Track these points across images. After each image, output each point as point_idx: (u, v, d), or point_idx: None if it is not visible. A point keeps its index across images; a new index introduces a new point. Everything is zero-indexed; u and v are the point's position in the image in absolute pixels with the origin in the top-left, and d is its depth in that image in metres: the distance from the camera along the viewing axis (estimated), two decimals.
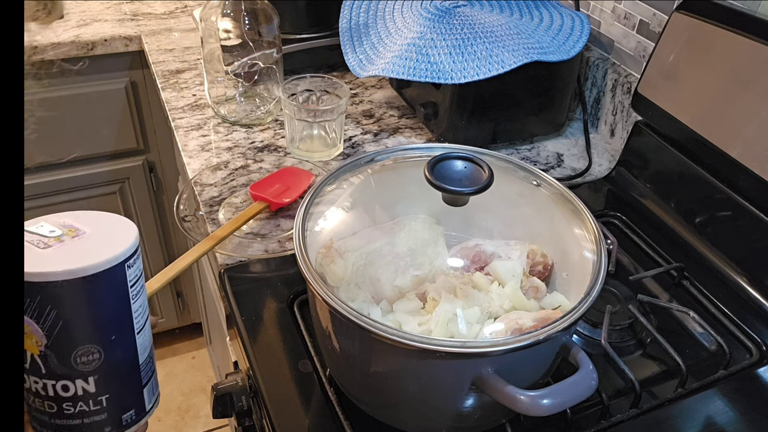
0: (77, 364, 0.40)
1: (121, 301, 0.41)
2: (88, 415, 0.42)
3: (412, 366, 0.47)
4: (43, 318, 0.39)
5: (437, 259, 0.58)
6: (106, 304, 0.40)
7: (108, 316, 0.41)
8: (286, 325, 0.65)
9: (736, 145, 0.71)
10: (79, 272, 0.38)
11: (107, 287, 0.40)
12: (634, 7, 0.92)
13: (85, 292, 0.39)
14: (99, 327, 0.40)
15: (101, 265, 0.39)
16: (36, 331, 0.39)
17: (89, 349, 0.40)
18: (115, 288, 0.40)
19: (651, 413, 0.58)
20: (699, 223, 0.77)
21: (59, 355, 0.40)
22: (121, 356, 0.42)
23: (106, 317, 0.41)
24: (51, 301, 0.38)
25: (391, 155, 0.62)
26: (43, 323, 0.39)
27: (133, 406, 0.44)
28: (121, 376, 0.43)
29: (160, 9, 1.41)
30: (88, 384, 0.41)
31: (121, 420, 0.44)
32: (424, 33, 0.87)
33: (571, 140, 1.00)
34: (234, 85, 1.00)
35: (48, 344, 0.39)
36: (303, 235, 0.52)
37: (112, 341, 0.41)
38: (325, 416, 0.57)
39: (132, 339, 0.42)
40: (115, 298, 0.41)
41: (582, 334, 0.67)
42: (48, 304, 0.38)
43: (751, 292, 0.70)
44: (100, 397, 0.42)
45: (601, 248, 0.51)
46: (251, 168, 0.89)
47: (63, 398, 0.41)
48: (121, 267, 0.40)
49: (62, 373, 0.40)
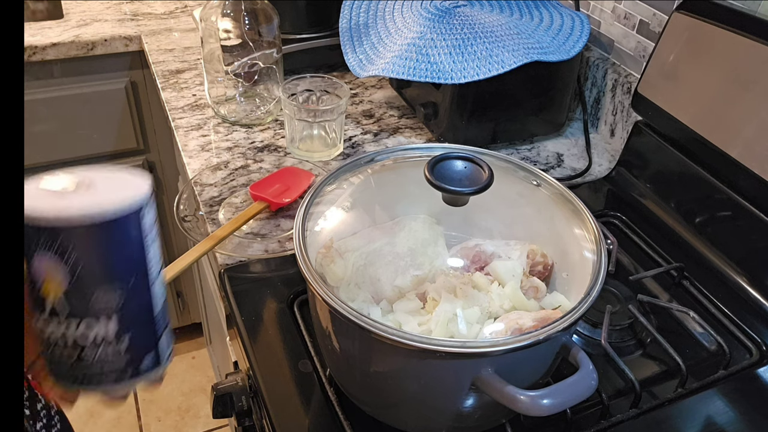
0: (97, 305, 0.42)
1: (137, 247, 0.43)
2: (108, 360, 0.44)
3: (412, 366, 0.47)
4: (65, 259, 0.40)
5: (437, 259, 0.58)
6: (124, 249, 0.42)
7: (126, 261, 0.42)
8: (286, 325, 0.65)
9: (736, 145, 0.71)
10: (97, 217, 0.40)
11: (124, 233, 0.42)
12: (634, 7, 0.92)
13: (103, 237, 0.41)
14: (118, 271, 0.42)
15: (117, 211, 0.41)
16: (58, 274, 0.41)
17: (109, 290, 0.42)
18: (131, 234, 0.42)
19: (651, 413, 0.58)
20: (699, 223, 0.77)
21: (80, 296, 0.41)
22: (138, 301, 0.44)
23: (124, 262, 0.42)
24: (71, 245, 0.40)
25: (391, 155, 0.62)
26: (65, 264, 0.40)
27: (151, 354, 0.46)
28: (139, 320, 0.44)
29: (160, 9, 1.41)
30: (108, 326, 0.43)
31: (140, 367, 0.45)
32: (424, 33, 0.87)
33: (571, 140, 1.00)
34: (234, 85, 1.00)
35: (69, 286, 0.41)
36: (303, 235, 0.52)
37: (130, 285, 0.43)
38: (325, 416, 0.57)
39: (148, 286, 0.44)
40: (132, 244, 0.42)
41: (582, 334, 0.67)
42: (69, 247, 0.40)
43: (751, 292, 0.70)
44: (120, 342, 0.44)
45: (601, 248, 0.51)
46: (251, 168, 0.89)
47: (85, 341, 0.43)
48: (137, 215, 0.42)
49: (83, 314, 0.42)
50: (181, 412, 1.64)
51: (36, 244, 0.40)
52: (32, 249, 0.40)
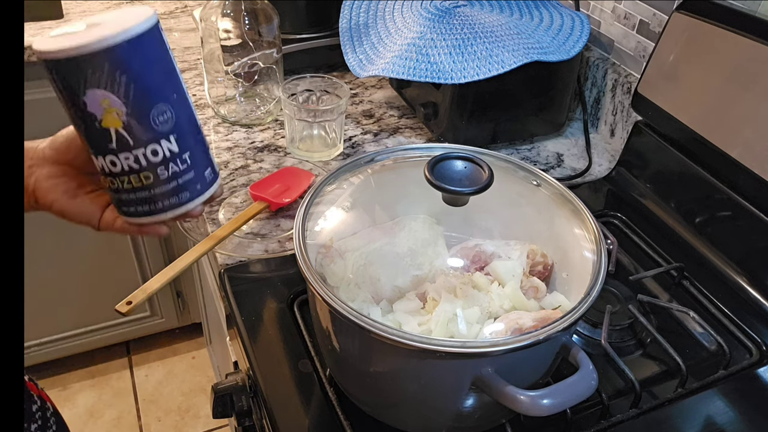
0: (157, 125, 0.44)
1: (169, 59, 0.45)
2: (181, 174, 0.46)
3: (412, 366, 0.47)
4: (117, 84, 0.41)
5: (437, 259, 0.58)
6: (160, 61, 0.44)
7: (164, 73, 0.44)
8: (286, 325, 0.65)
9: (736, 145, 0.71)
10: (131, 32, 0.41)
11: (156, 45, 0.44)
12: (634, 7, 0.92)
13: (141, 50, 0.42)
14: (161, 84, 0.44)
15: (144, 24, 0.42)
16: (114, 102, 0.42)
17: (162, 108, 0.44)
18: (161, 46, 0.44)
19: (651, 413, 0.58)
20: (699, 223, 0.77)
21: (140, 120, 0.43)
22: (185, 113, 0.46)
23: (164, 75, 0.44)
24: (119, 66, 0.41)
25: (391, 155, 0.62)
26: (118, 90, 0.42)
27: (209, 165, 0.49)
28: (192, 132, 0.47)
29: (160, 9, 1.41)
30: (171, 143, 0.45)
31: (205, 177, 0.48)
32: (424, 33, 0.87)
33: (571, 140, 1.00)
34: (234, 85, 1.00)
35: (128, 111, 0.42)
36: (303, 235, 0.52)
37: (174, 98, 0.45)
38: (325, 416, 0.57)
39: (187, 97, 0.46)
40: (165, 57, 0.45)
41: (582, 334, 0.67)
42: (116, 70, 0.41)
43: (751, 292, 0.70)
44: (184, 155, 0.46)
45: (601, 248, 0.51)
46: (251, 168, 0.89)
47: (155, 164, 0.45)
48: (158, 28, 0.44)
49: (147, 137, 0.44)
50: (181, 412, 1.64)
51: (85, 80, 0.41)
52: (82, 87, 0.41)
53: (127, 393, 1.67)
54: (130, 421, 1.60)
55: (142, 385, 1.69)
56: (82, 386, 1.66)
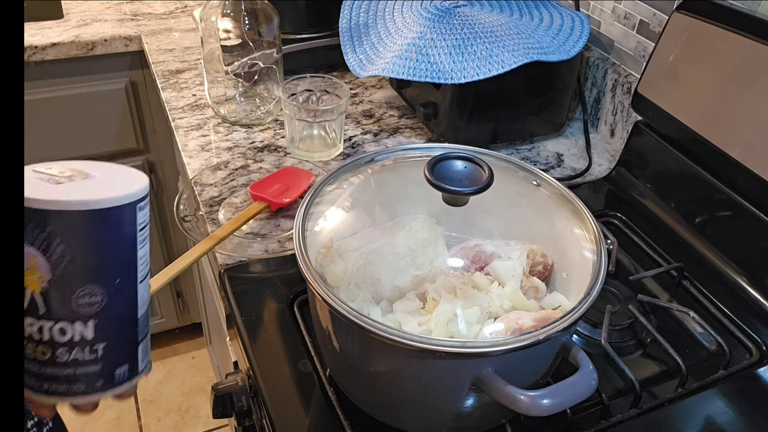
0: (78, 306, 0.39)
1: (128, 244, 0.40)
2: (82, 364, 0.41)
3: (412, 366, 0.47)
4: (51, 250, 0.38)
5: (437, 259, 0.58)
6: (115, 243, 0.40)
7: (115, 257, 0.40)
8: (286, 325, 0.65)
9: (736, 145, 0.71)
10: (93, 204, 0.38)
11: (117, 225, 0.39)
12: (634, 7, 0.92)
13: (95, 226, 0.39)
14: (105, 267, 0.40)
15: (115, 200, 0.39)
16: (41, 265, 0.38)
17: (92, 290, 0.40)
18: (124, 228, 0.40)
19: (651, 413, 0.58)
20: (699, 223, 0.77)
21: (61, 294, 0.39)
22: (122, 303, 0.41)
23: (114, 258, 0.40)
24: (61, 234, 0.38)
25: (391, 155, 0.62)
26: (50, 257, 0.38)
27: (127, 362, 0.43)
28: (119, 325, 0.42)
29: (160, 9, 1.41)
30: (86, 329, 0.40)
31: (114, 375, 0.43)
32: (424, 33, 0.87)
33: (571, 140, 1.00)
34: (234, 85, 1.00)
35: (51, 280, 0.39)
36: (303, 235, 0.52)
37: (115, 285, 0.40)
38: (325, 416, 0.57)
39: (134, 287, 0.42)
40: (124, 240, 0.40)
41: (582, 334, 0.67)
42: (57, 236, 0.38)
43: (751, 292, 0.70)
44: (96, 346, 0.41)
45: (601, 248, 0.51)
46: (251, 168, 0.89)
47: (58, 343, 0.40)
48: (133, 208, 0.40)
49: (62, 314, 0.39)
50: (181, 412, 1.64)
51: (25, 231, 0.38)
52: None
53: None
54: (130, 421, 1.60)
55: (142, 385, 1.69)
56: None
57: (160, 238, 1.55)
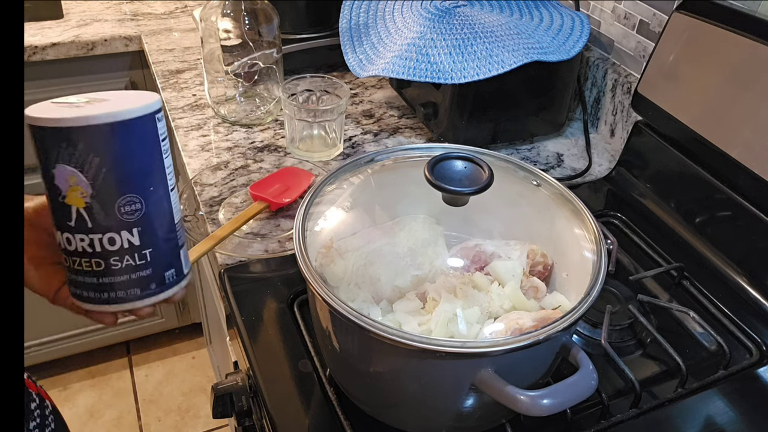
0: (121, 215, 0.42)
1: (155, 152, 0.43)
2: (135, 269, 0.44)
3: (412, 366, 0.47)
4: (87, 166, 0.40)
5: (437, 259, 0.58)
6: (143, 152, 0.42)
7: (145, 166, 0.43)
8: (286, 325, 0.65)
9: (736, 145, 0.71)
10: (116, 115, 0.40)
11: (143, 135, 0.42)
12: (634, 7, 0.92)
13: (123, 137, 0.41)
14: (138, 175, 0.42)
15: (136, 111, 0.41)
16: (81, 181, 0.41)
17: (131, 199, 0.42)
18: (149, 137, 0.42)
19: (651, 413, 0.58)
20: (699, 223, 0.77)
21: (104, 206, 0.41)
22: (159, 209, 0.44)
23: (144, 166, 0.42)
24: (93, 148, 0.40)
25: (391, 155, 0.62)
26: (87, 172, 0.40)
27: (174, 266, 0.46)
28: (161, 230, 0.44)
29: (160, 9, 1.41)
30: (132, 236, 0.43)
31: (164, 277, 0.45)
32: (424, 33, 0.87)
33: (571, 140, 1.00)
34: (234, 85, 1.00)
35: (93, 194, 0.41)
36: (303, 235, 0.52)
37: (150, 192, 0.43)
38: (325, 416, 0.57)
39: (167, 193, 0.44)
40: (150, 148, 0.43)
41: (582, 334, 0.67)
42: (90, 152, 0.40)
43: (751, 292, 0.70)
44: (145, 251, 0.44)
45: (601, 248, 0.51)
46: (251, 168, 0.89)
47: (110, 252, 0.43)
48: (152, 118, 0.42)
49: (108, 224, 0.42)
50: (181, 412, 1.64)
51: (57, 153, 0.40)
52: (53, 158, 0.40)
53: (127, 393, 1.67)
54: (130, 421, 1.60)
55: (142, 385, 1.69)
56: (82, 386, 1.66)
57: None
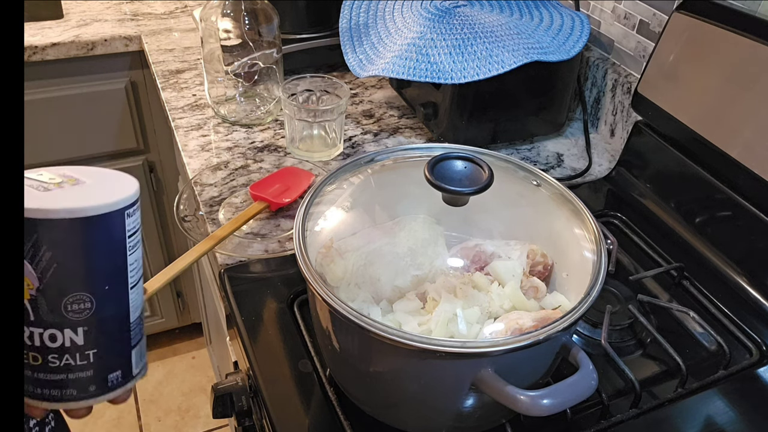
0: (67, 312, 0.39)
1: (117, 250, 0.40)
2: (74, 370, 0.41)
3: (412, 366, 0.47)
4: (38, 259, 0.38)
5: (437, 259, 0.58)
6: (103, 250, 0.39)
7: (103, 264, 0.40)
8: (286, 325, 0.65)
9: (736, 145, 0.71)
10: (79, 212, 0.38)
11: (106, 232, 0.39)
12: (634, 7, 0.92)
13: (83, 234, 0.38)
14: (93, 274, 0.39)
15: (102, 207, 0.38)
16: (29, 274, 0.38)
17: (81, 297, 0.39)
18: (113, 235, 0.40)
19: (651, 413, 0.58)
20: (699, 223, 0.77)
21: (50, 301, 0.39)
22: (112, 309, 0.41)
23: (102, 265, 0.40)
24: (47, 241, 0.38)
25: (391, 155, 0.62)
26: (37, 265, 0.38)
27: (120, 367, 0.43)
28: (110, 330, 0.41)
29: (160, 9, 1.41)
30: (76, 335, 0.40)
31: (107, 380, 0.42)
32: (424, 33, 0.87)
33: (571, 140, 1.00)
34: (234, 85, 1.00)
35: (40, 287, 0.38)
36: (303, 235, 0.52)
37: (105, 291, 0.40)
38: (325, 416, 0.57)
39: (125, 293, 0.41)
40: (113, 246, 0.40)
41: (582, 334, 0.67)
42: (44, 244, 0.38)
43: (751, 292, 0.70)
44: (88, 351, 0.41)
45: (601, 248, 0.51)
46: (251, 168, 0.89)
47: (49, 349, 0.40)
48: (121, 214, 0.40)
49: (51, 321, 0.39)
50: (181, 412, 1.64)
51: None
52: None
53: None
54: (130, 421, 1.60)
55: (142, 385, 1.69)
56: None
57: (160, 238, 1.55)
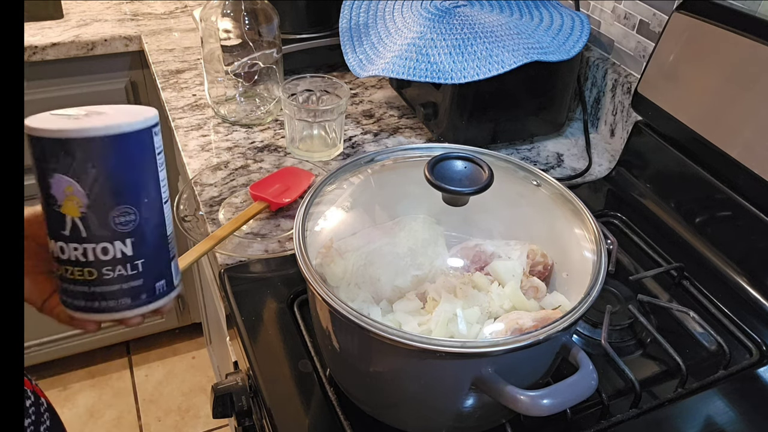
0: (116, 225, 0.43)
1: (151, 166, 0.44)
2: (127, 279, 0.44)
3: (412, 366, 0.47)
4: (84, 176, 0.41)
5: (437, 259, 0.58)
6: (140, 164, 0.43)
7: (142, 177, 0.44)
8: (286, 325, 0.65)
9: (736, 145, 0.71)
10: (116, 128, 0.41)
11: (141, 147, 0.43)
12: (634, 7, 0.92)
13: (122, 149, 0.42)
14: (134, 187, 0.43)
15: (135, 124, 0.42)
16: (77, 191, 0.41)
17: (126, 210, 0.43)
18: (147, 150, 0.44)
19: (651, 413, 0.58)
20: (699, 223, 0.77)
21: (99, 216, 0.42)
22: (153, 221, 0.45)
23: (141, 178, 0.43)
24: (91, 159, 0.41)
25: (391, 155, 0.62)
26: (84, 182, 0.41)
27: (164, 276, 0.47)
28: (154, 241, 0.45)
29: (160, 9, 1.41)
30: (125, 246, 0.44)
31: (155, 288, 0.46)
32: (424, 33, 0.87)
33: (571, 140, 1.00)
34: (234, 85, 1.00)
35: (89, 204, 0.42)
36: (303, 235, 0.52)
37: (146, 203, 0.44)
38: (325, 416, 0.57)
39: (161, 206, 0.45)
40: (147, 161, 0.44)
41: (582, 334, 0.67)
42: (88, 163, 0.41)
43: (751, 292, 0.70)
44: (137, 261, 0.44)
45: (601, 248, 0.51)
46: (251, 168, 0.89)
47: (103, 262, 0.43)
48: (149, 132, 0.44)
49: (102, 234, 0.43)
50: (181, 412, 1.64)
51: (55, 163, 0.41)
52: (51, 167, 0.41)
53: (127, 393, 1.67)
54: (130, 421, 1.60)
55: (142, 385, 1.69)
56: (82, 386, 1.66)
57: None
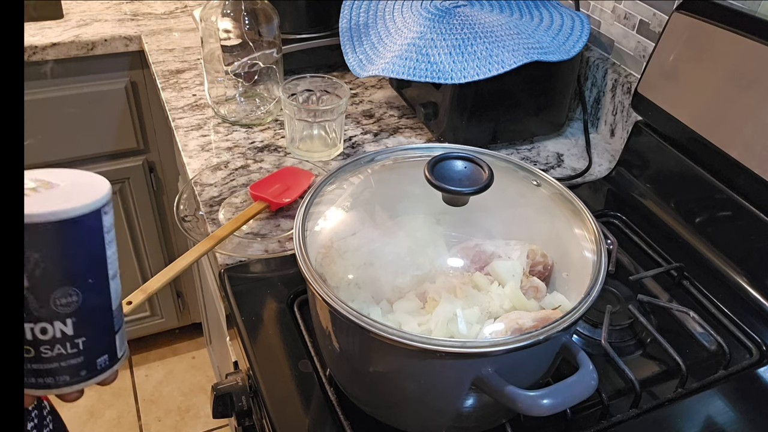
0: (56, 306, 0.42)
1: (98, 246, 0.43)
2: (65, 358, 0.44)
3: (412, 366, 0.47)
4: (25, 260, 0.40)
5: (437, 259, 0.58)
6: (85, 247, 0.42)
7: (86, 259, 0.43)
8: (286, 325, 0.65)
9: (736, 145, 0.71)
10: (61, 214, 0.40)
11: (87, 231, 0.42)
12: (634, 7, 0.92)
13: (66, 234, 0.41)
14: (78, 269, 0.42)
15: (82, 209, 0.41)
16: None
17: (68, 291, 0.42)
18: (93, 232, 0.43)
19: (651, 413, 0.58)
20: (699, 223, 0.77)
21: (39, 298, 0.41)
22: (96, 300, 0.44)
23: (85, 260, 0.43)
24: (33, 244, 0.40)
25: (391, 155, 0.62)
26: (24, 267, 0.40)
27: (107, 351, 0.46)
28: (96, 319, 0.45)
29: (160, 9, 1.41)
30: (65, 326, 0.43)
31: (96, 364, 0.46)
32: (424, 33, 0.87)
33: (571, 140, 1.00)
34: (234, 85, 1.00)
35: (29, 287, 0.41)
36: (303, 235, 0.52)
37: (89, 284, 0.43)
38: (325, 416, 0.57)
39: (106, 283, 0.44)
40: (93, 242, 0.43)
41: (582, 334, 0.67)
42: (30, 247, 0.40)
43: (751, 292, 0.70)
44: (77, 340, 0.44)
45: (601, 248, 0.51)
46: (251, 168, 0.89)
47: (41, 341, 0.43)
48: (98, 213, 0.42)
49: (41, 315, 0.42)
50: (181, 412, 1.64)
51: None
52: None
53: (127, 393, 1.67)
54: (130, 421, 1.60)
55: (142, 385, 1.69)
56: None
57: (160, 238, 1.55)
